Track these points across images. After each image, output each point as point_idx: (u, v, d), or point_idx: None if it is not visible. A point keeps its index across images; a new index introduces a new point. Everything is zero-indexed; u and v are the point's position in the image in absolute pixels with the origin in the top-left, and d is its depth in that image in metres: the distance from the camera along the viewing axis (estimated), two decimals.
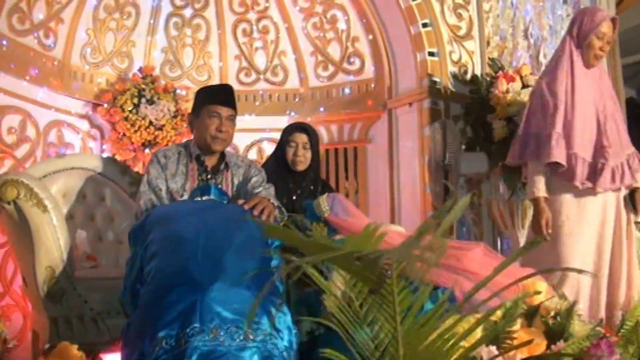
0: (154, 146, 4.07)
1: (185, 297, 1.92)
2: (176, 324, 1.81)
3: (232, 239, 2.29)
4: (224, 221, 2.42)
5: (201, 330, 1.80)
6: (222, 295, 1.99)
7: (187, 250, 2.24)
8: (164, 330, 1.80)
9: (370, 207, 4.45)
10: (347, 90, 4.58)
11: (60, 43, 3.93)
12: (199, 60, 4.57)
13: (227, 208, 2.57)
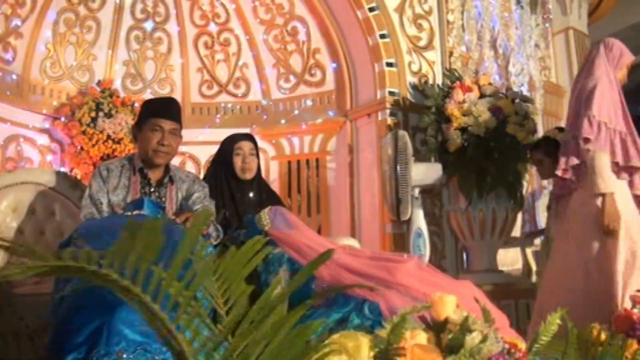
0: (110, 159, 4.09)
1: (94, 318, 1.90)
2: (84, 347, 1.79)
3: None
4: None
5: (106, 354, 1.76)
6: (130, 316, 1.96)
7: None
8: (72, 354, 1.78)
9: (331, 219, 4.47)
10: (309, 102, 4.61)
11: (19, 57, 3.95)
12: (161, 74, 4.60)
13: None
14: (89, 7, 4.26)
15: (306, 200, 4.52)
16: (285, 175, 4.58)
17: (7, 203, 3.25)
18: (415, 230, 3.80)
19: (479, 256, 3.95)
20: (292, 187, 4.56)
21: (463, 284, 2.84)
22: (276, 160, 4.61)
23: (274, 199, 3.46)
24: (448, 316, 2.02)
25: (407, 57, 4.27)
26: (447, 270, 4.20)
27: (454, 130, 3.83)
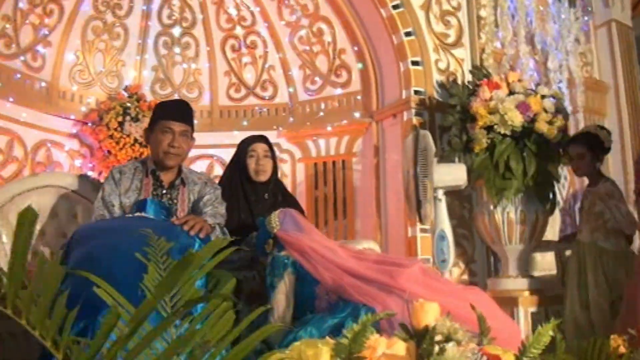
0: None
1: (79, 319, 1.92)
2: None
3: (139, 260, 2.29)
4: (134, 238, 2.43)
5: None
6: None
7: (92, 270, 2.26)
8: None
9: (357, 221, 4.39)
10: (335, 103, 4.55)
11: (48, 65, 4.07)
12: (189, 78, 4.64)
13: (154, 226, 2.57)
14: (116, 14, 4.35)
15: (332, 203, 4.46)
16: (311, 177, 4.53)
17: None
18: (439, 233, 3.67)
19: (509, 261, 3.78)
20: (319, 189, 4.51)
21: (471, 291, 2.71)
22: (302, 162, 4.57)
23: (290, 201, 3.43)
24: (428, 325, 1.92)
25: (433, 55, 4.15)
26: (477, 275, 4.06)
27: (479, 129, 3.68)
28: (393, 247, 4.13)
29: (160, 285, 1.56)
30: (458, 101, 3.86)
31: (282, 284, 2.82)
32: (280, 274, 2.83)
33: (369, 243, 3.63)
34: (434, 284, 2.63)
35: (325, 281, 2.66)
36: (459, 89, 3.90)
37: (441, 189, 3.68)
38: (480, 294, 2.72)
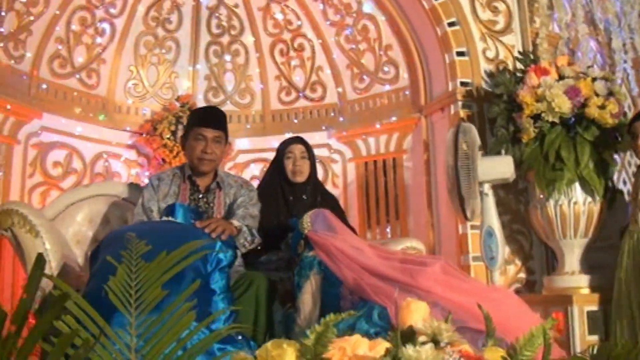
0: None
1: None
2: None
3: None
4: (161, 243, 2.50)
5: None
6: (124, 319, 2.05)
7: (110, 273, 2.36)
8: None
9: (409, 220, 4.28)
10: (384, 100, 4.47)
11: (103, 81, 4.29)
12: (241, 84, 4.73)
13: (172, 229, 2.64)
14: (166, 28, 4.52)
15: (384, 202, 4.38)
16: (362, 176, 4.48)
17: (83, 215, 3.53)
18: (486, 230, 3.51)
19: (565, 257, 3.54)
20: (370, 189, 4.44)
21: (496, 291, 2.57)
22: (353, 161, 4.53)
23: (329, 202, 3.40)
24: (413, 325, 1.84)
25: (480, 44, 3.97)
26: (534, 273, 3.84)
27: (526, 118, 3.48)
28: (445, 245, 4.00)
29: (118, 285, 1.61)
30: (504, 90, 3.67)
31: (308, 285, 2.80)
32: (306, 275, 2.82)
33: (411, 242, 3.53)
34: (456, 283, 2.52)
35: (347, 281, 2.62)
36: (505, 78, 3.71)
37: (487, 183, 3.51)
38: (507, 293, 2.58)
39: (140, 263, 1.69)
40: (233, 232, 2.69)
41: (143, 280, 1.61)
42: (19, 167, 3.72)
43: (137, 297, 1.58)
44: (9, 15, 3.62)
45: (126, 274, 1.61)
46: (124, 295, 1.55)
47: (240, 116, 4.71)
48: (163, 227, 2.72)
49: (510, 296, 2.54)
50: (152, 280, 1.60)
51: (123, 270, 1.63)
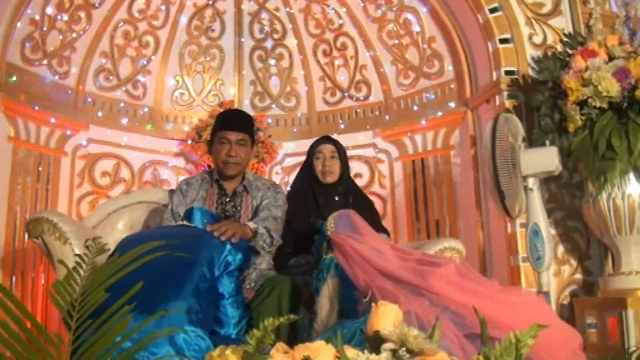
0: None
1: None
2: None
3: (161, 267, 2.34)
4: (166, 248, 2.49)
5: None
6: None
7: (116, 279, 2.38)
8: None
9: (459, 218, 4.06)
10: (430, 95, 4.27)
11: (149, 92, 4.40)
12: (286, 88, 4.70)
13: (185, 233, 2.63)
14: (209, 36, 4.57)
15: (432, 201, 4.18)
16: (409, 175, 4.31)
17: (124, 222, 3.63)
18: (532, 228, 3.25)
19: (622, 255, 3.20)
20: (418, 188, 4.26)
21: (515, 293, 2.35)
22: (400, 160, 4.37)
23: (362, 202, 3.30)
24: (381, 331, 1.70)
25: (525, 29, 3.71)
26: (592, 274, 3.52)
27: (571, 105, 3.20)
28: (495, 246, 3.76)
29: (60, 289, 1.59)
30: (548, 76, 3.40)
31: (325, 288, 2.72)
32: (323, 277, 2.74)
33: (449, 242, 3.34)
34: (469, 285, 2.34)
35: (359, 284, 2.51)
36: (549, 63, 3.43)
37: (531, 177, 3.25)
38: (529, 297, 2.35)
39: (93, 267, 1.68)
40: (247, 235, 2.64)
41: (89, 284, 1.60)
42: (67, 178, 3.88)
43: (82, 300, 1.57)
44: (51, 34, 3.79)
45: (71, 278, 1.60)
46: (65, 297, 1.54)
47: (287, 119, 4.68)
48: (174, 231, 2.73)
49: (533, 300, 2.31)
50: (96, 285, 1.58)
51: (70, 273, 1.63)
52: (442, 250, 3.29)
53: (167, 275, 2.31)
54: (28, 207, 3.59)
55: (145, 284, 2.29)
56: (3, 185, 3.46)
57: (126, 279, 2.46)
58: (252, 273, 2.93)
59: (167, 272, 2.32)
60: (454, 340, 2.05)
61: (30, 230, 2.91)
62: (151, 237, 2.66)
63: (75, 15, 3.90)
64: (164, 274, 2.31)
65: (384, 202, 4.41)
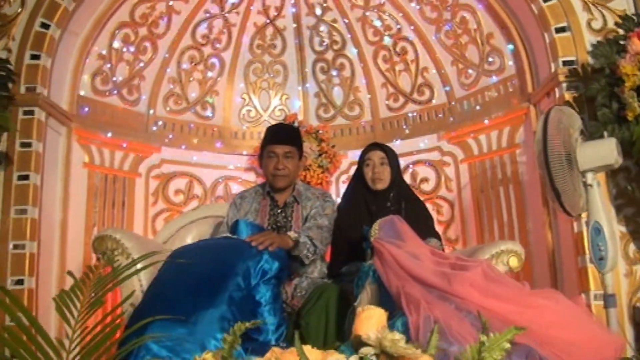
0: None
1: (135, 336, 2.19)
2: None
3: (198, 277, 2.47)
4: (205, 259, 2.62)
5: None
6: (159, 331, 2.19)
7: (156, 290, 2.54)
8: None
9: (528, 219, 3.87)
10: (493, 93, 4.11)
11: (218, 111, 4.61)
12: (349, 97, 4.73)
13: (223, 245, 2.73)
14: (272, 54, 4.71)
15: (500, 202, 4.02)
16: (476, 177, 4.17)
17: (192, 236, 3.83)
18: (593, 226, 3.04)
19: None
20: (485, 189, 4.11)
21: (545, 297, 2.23)
22: (465, 162, 4.24)
23: (416, 208, 3.25)
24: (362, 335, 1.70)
25: (583, 15, 3.49)
26: None
27: (628, 91, 2.96)
28: (564, 246, 3.55)
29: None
30: (604, 62, 3.17)
31: (364, 294, 2.73)
32: (362, 284, 2.75)
33: (506, 244, 3.22)
34: (493, 288, 2.26)
35: (391, 289, 2.50)
36: (605, 48, 3.20)
37: (589, 172, 3.05)
38: (558, 300, 2.21)
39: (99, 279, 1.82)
40: (286, 244, 2.71)
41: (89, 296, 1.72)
42: (142, 198, 4.17)
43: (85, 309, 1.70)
44: (120, 66, 4.11)
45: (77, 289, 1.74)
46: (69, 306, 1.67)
47: (351, 128, 4.71)
48: (216, 243, 2.86)
49: (561, 303, 2.17)
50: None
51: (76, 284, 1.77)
52: (498, 253, 3.17)
53: (202, 284, 2.43)
54: (105, 227, 3.89)
55: (182, 293, 2.45)
56: (80, 208, 3.79)
57: (166, 288, 2.63)
58: (304, 282, 3.00)
59: (203, 282, 2.44)
60: (471, 342, 1.99)
61: (95, 247, 3.16)
62: (196, 249, 2.83)
63: (141, 46, 4.20)
64: (200, 283, 2.44)
65: (452, 206, 4.31)
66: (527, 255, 3.80)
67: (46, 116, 3.49)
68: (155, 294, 2.49)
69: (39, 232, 3.37)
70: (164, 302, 2.39)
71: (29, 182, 3.32)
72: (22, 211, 3.29)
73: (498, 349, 1.38)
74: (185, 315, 2.26)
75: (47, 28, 3.50)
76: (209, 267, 2.53)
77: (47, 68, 3.50)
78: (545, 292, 2.31)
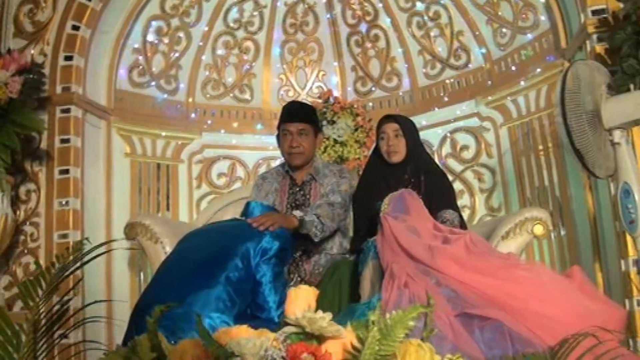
0: (343, 162, 4.38)
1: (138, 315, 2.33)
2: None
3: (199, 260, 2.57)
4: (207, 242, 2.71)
5: None
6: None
7: (160, 272, 2.67)
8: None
9: (569, 183, 3.65)
10: (529, 52, 3.89)
11: (256, 94, 4.68)
12: (386, 68, 4.64)
13: (227, 227, 2.81)
14: (305, 31, 4.70)
15: (541, 166, 3.82)
16: (516, 142, 3.98)
17: (228, 218, 3.96)
18: (622, 188, 2.85)
19: None
20: (526, 154, 3.91)
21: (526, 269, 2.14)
22: (505, 126, 4.05)
23: (435, 179, 3.18)
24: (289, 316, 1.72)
25: None
26: None
27: None
28: (604, 209, 3.31)
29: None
30: (631, 8, 2.91)
31: (367, 270, 2.76)
32: (365, 260, 2.76)
33: (531, 212, 3.11)
34: (475, 262, 2.22)
35: (383, 263, 2.50)
36: None
37: (617, 129, 2.84)
38: (537, 271, 2.11)
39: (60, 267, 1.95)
40: (290, 224, 2.75)
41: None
42: (185, 183, 4.34)
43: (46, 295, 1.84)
44: (155, 58, 4.28)
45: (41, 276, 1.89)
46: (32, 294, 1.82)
47: (390, 100, 4.63)
48: (221, 226, 2.94)
49: (542, 275, 2.07)
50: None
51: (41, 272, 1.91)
52: (522, 221, 3.07)
53: (202, 266, 2.53)
54: (151, 214, 4.10)
55: (182, 275, 2.56)
56: (124, 197, 4.02)
57: (168, 270, 2.76)
58: (322, 259, 3.04)
59: (202, 264, 2.54)
60: (444, 320, 1.98)
61: (127, 234, 3.35)
62: (203, 232, 2.94)
63: (174, 36, 4.34)
64: (200, 265, 2.54)
65: (493, 173, 4.15)
66: (569, 222, 3.63)
67: (83, 113, 3.72)
68: (159, 276, 2.62)
69: (82, 222, 3.61)
70: (165, 284, 2.51)
71: (69, 176, 3.57)
72: (65, 203, 3.54)
73: (402, 327, 1.35)
74: (184, 296, 2.36)
75: (78, 30, 3.71)
76: (210, 249, 2.62)
77: (80, 68, 3.71)
78: (528, 265, 2.22)
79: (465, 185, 4.25)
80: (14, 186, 3.49)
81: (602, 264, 3.34)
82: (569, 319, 1.87)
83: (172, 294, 2.33)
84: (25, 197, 3.55)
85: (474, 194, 4.21)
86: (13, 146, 3.17)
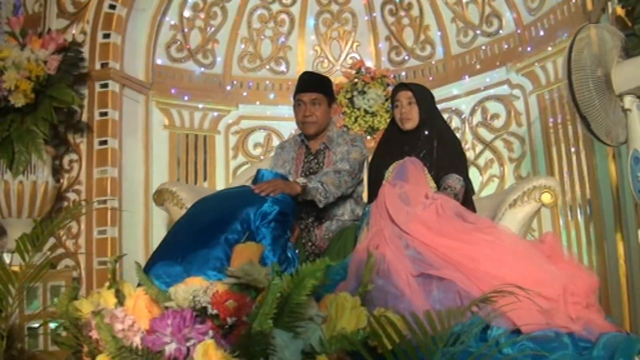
0: (375, 132, 4.44)
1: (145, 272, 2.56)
2: None
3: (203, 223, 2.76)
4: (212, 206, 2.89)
5: None
6: (161, 270, 2.55)
7: (168, 235, 2.87)
8: None
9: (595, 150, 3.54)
10: (558, 15, 3.76)
11: (292, 65, 4.79)
12: (420, 37, 4.61)
13: (233, 193, 2.97)
14: (338, 2, 4.74)
15: (567, 133, 3.72)
16: (545, 109, 3.89)
17: None
18: (632, 155, 2.80)
19: None
20: (554, 122, 3.81)
21: (489, 233, 2.18)
22: (534, 94, 3.96)
23: (447, 147, 3.21)
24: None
25: None
26: None
27: None
28: (625, 179, 3.19)
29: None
30: None
31: (362, 234, 2.84)
32: (361, 227, 2.86)
33: (539, 180, 3.11)
34: (443, 226, 2.27)
35: (371, 230, 2.59)
36: None
37: (627, 95, 2.77)
38: (498, 235, 2.14)
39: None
40: (293, 190, 2.87)
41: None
42: (222, 153, 4.55)
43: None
44: (192, 33, 4.47)
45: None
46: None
47: (424, 69, 4.62)
48: (229, 192, 3.10)
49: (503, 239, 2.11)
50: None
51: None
52: (530, 190, 3.06)
53: (204, 229, 2.72)
54: (189, 183, 4.34)
55: (186, 237, 2.76)
56: (163, 167, 4.27)
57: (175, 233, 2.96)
58: (333, 225, 3.15)
59: (205, 227, 2.73)
60: (404, 279, 2.07)
61: (155, 200, 3.58)
62: (212, 197, 3.11)
63: (210, 12, 4.51)
64: (203, 228, 2.72)
65: (522, 142, 4.07)
66: (594, 193, 3.54)
67: (120, 87, 3.97)
68: (167, 237, 2.82)
69: (120, 189, 3.89)
70: (169, 245, 2.72)
71: (107, 147, 3.85)
72: (103, 172, 3.83)
73: (312, 278, 1.46)
74: (185, 255, 2.55)
75: (114, 9, 3.95)
76: (214, 213, 2.79)
77: (117, 45, 3.96)
78: (491, 229, 2.24)
79: (495, 155, 4.20)
80: (58, 157, 3.82)
81: (623, 233, 3.25)
82: (526, 283, 1.89)
83: (176, 253, 2.53)
84: (68, 166, 3.86)
85: (504, 163, 4.16)
86: (50, 119, 3.45)
